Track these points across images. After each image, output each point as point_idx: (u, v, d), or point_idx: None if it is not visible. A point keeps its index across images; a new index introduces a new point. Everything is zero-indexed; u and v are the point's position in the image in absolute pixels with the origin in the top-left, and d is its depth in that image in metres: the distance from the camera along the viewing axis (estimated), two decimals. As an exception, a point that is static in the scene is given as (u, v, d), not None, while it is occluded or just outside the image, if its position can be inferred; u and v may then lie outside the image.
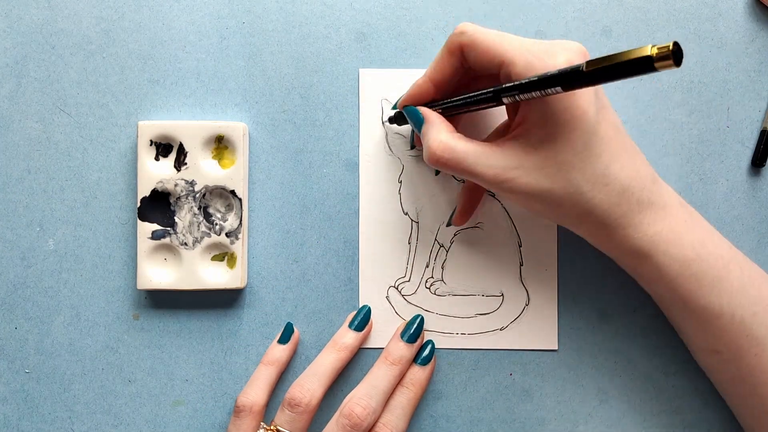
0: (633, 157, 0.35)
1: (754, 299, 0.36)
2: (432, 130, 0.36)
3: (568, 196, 0.34)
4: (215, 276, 0.42)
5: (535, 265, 0.43)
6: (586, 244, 0.43)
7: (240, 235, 0.42)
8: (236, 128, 0.41)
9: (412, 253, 0.43)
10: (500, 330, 0.43)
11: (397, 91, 0.43)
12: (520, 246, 0.43)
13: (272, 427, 0.39)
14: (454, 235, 0.43)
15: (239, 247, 0.42)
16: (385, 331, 0.43)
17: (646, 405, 0.42)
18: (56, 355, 0.43)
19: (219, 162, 0.42)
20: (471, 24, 0.36)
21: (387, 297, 0.43)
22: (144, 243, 0.41)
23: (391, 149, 0.43)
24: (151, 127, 0.41)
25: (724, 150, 0.43)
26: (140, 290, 0.42)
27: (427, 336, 0.43)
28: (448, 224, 0.42)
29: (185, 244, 0.41)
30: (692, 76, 0.43)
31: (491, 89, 0.34)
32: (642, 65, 0.27)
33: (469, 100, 0.36)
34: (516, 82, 0.33)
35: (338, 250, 0.43)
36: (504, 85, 0.33)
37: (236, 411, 0.39)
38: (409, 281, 0.43)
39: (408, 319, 0.43)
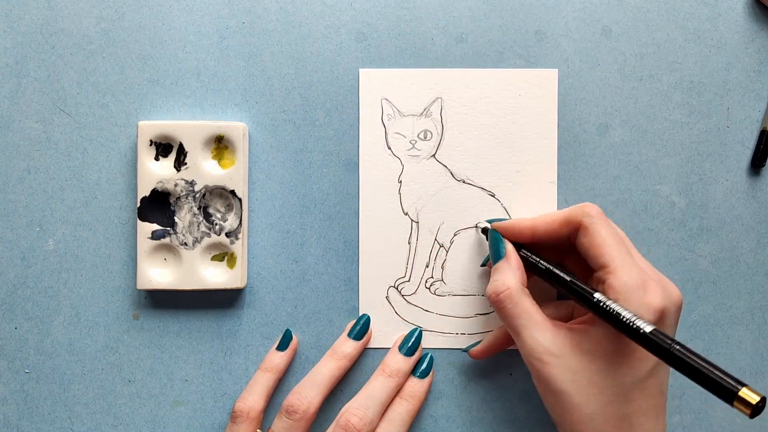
0: (658, 421, 0.35)
1: None
2: (507, 271, 0.37)
3: (582, 412, 0.34)
4: (215, 276, 0.42)
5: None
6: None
7: (240, 235, 0.42)
8: (236, 128, 0.41)
9: (412, 253, 0.43)
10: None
11: (397, 91, 0.43)
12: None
13: None
14: (454, 235, 0.43)
15: (239, 247, 0.42)
16: (385, 331, 0.43)
17: (646, 405, 0.42)
18: (56, 355, 0.43)
19: (219, 162, 0.42)
20: (598, 209, 0.36)
21: (387, 297, 0.43)
22: (144, 243, 0.41)
23: (391, 149, 0.43)
24: (151, 127, 0.41)
25: (724, 150, 0.43)
26: (140, 290, 0.42)
27: (426, 336, 0.43)
28: (464, 350, 0.42)
29: (185, 244, 0.41)
30: (692, 76, 0.43)
31: (585, 288, 0.34)
32: (723, 394, 0.28)
33: (559, 276, 0.36)
34: (610, 304, 0.33)
35: (338, 250, 0.43)
36: (598, 296, 0.33)
37: (233, 416, 0.39)
38: (409, 281, 0.43)
39: (407, 320, 0.43)
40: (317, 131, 0.43)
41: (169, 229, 0.42)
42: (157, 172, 0.41)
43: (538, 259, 0.38)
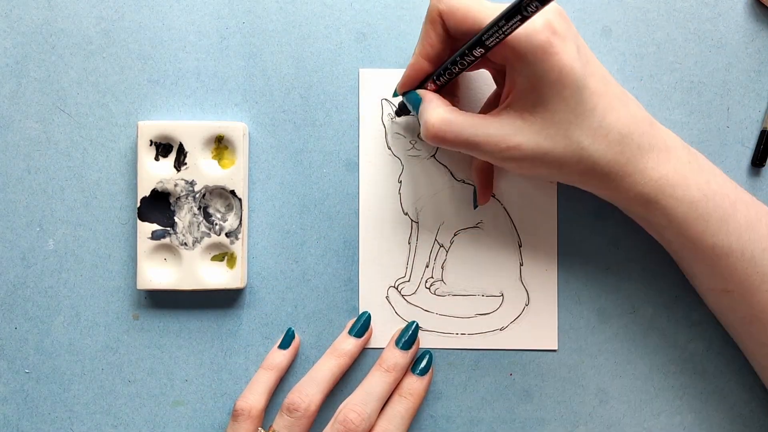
0: (627, 105, 0.36)
1: (763, 236, 0.36)
2: (429, 106, 0.36)
3: (570, 154, 0.35)
4: (215, 276, 0.42)
5: (535, 265, 0.43)
6: (586, 244, 0.43)
7: (240, 235, 0.41)
8: (236, 128, 0.41)
9: (412, 253, 0.43)
10: (500, 330, 0.43)
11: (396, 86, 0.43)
12: (520, 246, 0.43)
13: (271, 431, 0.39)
14: (454, 235, 0.43)
15: (239, 247, 0.41)
16: (385, 331, 0.43)
17: (646, 405, 0.42)
18: (56, 355, 0.43)
19: (219, 162, 0.42)
20: None
21: (387, 297, 0.43)
22: (144, 243, 0.41)
23: (391, 149, 0.43)
24: (151, 127, 0.41)
25: (724, 150, 0.43)
26: (140, 290, 0.42)
27: (426, 336, 0.43)
28: (475, 207, 0.42)
29: (185, 244, 0.41)
30: (692, 76, 0.43)
31: (474, 38, 0.34)
32: None
33: (455, 59, 0.35)
34: (494, 19, 0.32)
35: (338, 250, 0.43)
36: (484, 30, 0.33)
37: (234, 415, 0.39)
38: (409, 281, 0.43)
39: (407, 320, 0.43)
40: (317, 131, 0.43)
41: (169, 229, 0.42)
42: (157, 172, 0.41)
43: (439, 70, 0.37)
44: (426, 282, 0.43)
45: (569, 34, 0.34)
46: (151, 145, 0.42)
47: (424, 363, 0.41)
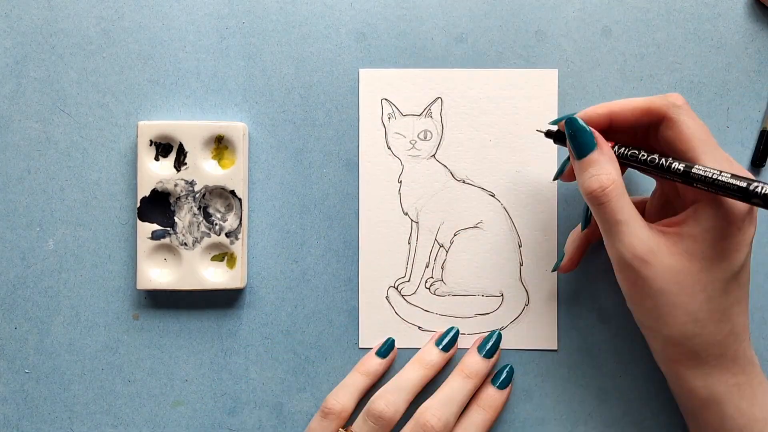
0: (746, 312, 0.35)
1: None
2: (607, 162, 0.34)
3: (684, 312, 0.34)
4: (215, 276, 0.42)
5: (535, 265, 0.43)
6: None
7: (240, 235, 0.42)
8: (236, 128, 0.41)
9: (412, 253, 0.43)
10: (500, 330, 0.43)
11: (397, 91, 0.43)
12: (520, 246, 0.43)
13: None
14: (454, 235, 0.43)
15: (239, 247, 0.42)
16: (385, 332, 0.43)
17: (646, 405, 0.42)
18: (56, 355, 0.43)
19: (219, 162, 0.42)
20: (685, 101, 0.35)
21: (387, 297, 0.43)
22: (144, 243, 0.41)
23: (391, 149, 0.43)
24: (151, 127, 0.41)
25: (724, 150, 0.43)
26: (140, 290, 0.42)
27: (425, 336, 0.43)
28: (554, 270, 0.42)
29: (185, 244, 0.41)
30: (692, 76, 0.43)
31: (683, 163, 0.33)
32: None
33: (650, 160, 0.34)
34: (715, 171, 0.32)
35: (338, 250, 0.43)
36: (700, 168, 0.32)
37: (324, 412, 0.39)
38: (409, 281, 0.43)
39: (407, 320, 0.43)
40: (317, 131, 0.43)
41: (169, 229, 0.42)
42: (157, 172, 0.41)
43: (631, 146, 0.35)
44: (426, 282, 0.43)
45: (756, 223, 0.34)
46: (151, 145, 0.42)
47: (504, 376, 0.41)
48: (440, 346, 0.41)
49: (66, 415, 0.43)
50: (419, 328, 0.43)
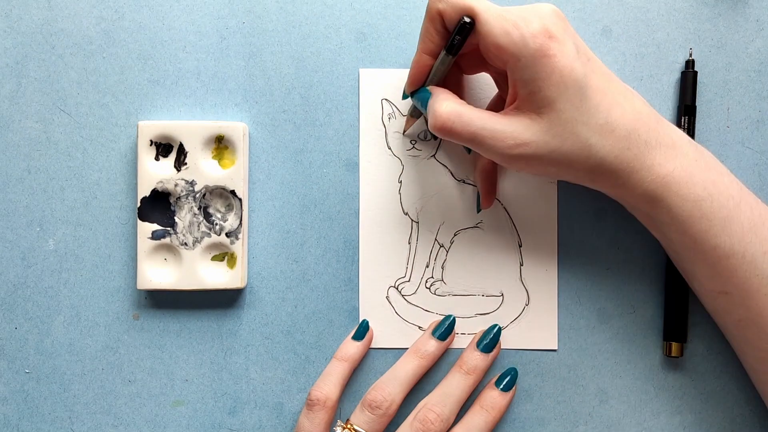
0: (631, 101, 0.36)
1: (765, 239, 0.36)
2: (438, 98, 0.36)
3: (578, 151, 0.35)
4: (215, 276, 0.42)
5: (535, 265, 0.43)
6: (585, 244, 0.43)
7: (240, 235, 0.42)
8: (236, 128, 0.41)
9: (412, 253, 0.43)
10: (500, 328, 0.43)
11: (398, 91, 0.43)
12: (520, 246, 0.43)
13: (349, 426, 0.39)
14: (454, 235, 0.43)
15: (239, 247, 0.42)
16: (386, 332, 0.43)
17: (646, 405, 0.42)
18: (56, 355, 0.43)
19: (219, 162, 0.42)
20: None
21: (387, 297, 0.43)
22: (144, 243, 0.41)
23: (391, 149, 0.43)
24: (151, 127, 0.41)
25: (724, 150, 0.43)
26: (140, 290, 0.42)
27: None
28: (478, 210, 0.42)
29: (185, 244, 0.41)
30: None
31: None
32: None
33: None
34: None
35: (338, 250, 0.43)
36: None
37: (309, 404, 0.39)
38: (409, 281, 0.43)
39: (408, 320, 0.43)
40: (317, 131, 0.43)
41: (169, 229, 0.42)
42: (157, 172, 0.41)
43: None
44: (426, 282, 0.43)
45: (567, 35, 0.34)
46: (151, 145, 0.42)
47: (508, 379, 0.41)
48: (436, 335, 0.41)
49: (66, 415, 0.43)
50: (419, 328, 0.43)
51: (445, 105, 0.35)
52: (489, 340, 0.41)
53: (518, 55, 0.33)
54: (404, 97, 0.41)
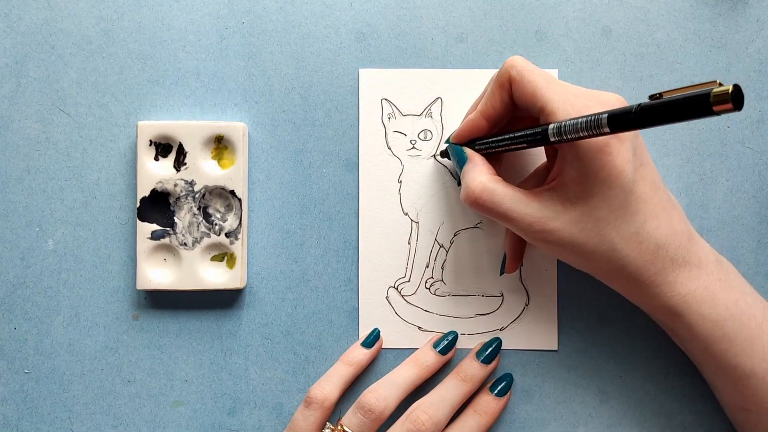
0: (670, 215, 0.35)
1: None
2: (473, 170, 0.37)
3: (601, 252, 0.35)
4: (215, 276, 0.42)
5: (535, 265, 0.43)
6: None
7: (240, 235, 0.41)
8: (236, 128, 0.41)
9: (412, 253, 0.43)
10: (500, 330, 0.43)
11: (397, 91, 0.43)
12: (520, 246, 0.43)
13: (339, 427, 0.39)
14: (454, 235, 0.43)
15: (239, 247, 0.41)
16: (385, 332, 0.43)
17: (647, 406, 0.42)
18: (56, 355, 0.43)
19: (219, 162, 0.42)
20: (522, 59, 0.35)
21: (387, 297, 0.43)
22: (143, 243, 0.41)
23: (391, 149, 0.43)
24: (151, 127, 0.41)
25: (724, 150, 0.43)
26: (140, 290, 0.42)
27: (425, 336, 0.43)
28: (501, 273, 0.42)
29: (185, 244, 0.41)
30: (692, 76, 0.43)
31: (538, 126, 0.34)
32: (698, 108, 0.25)
33: (515, 136, 0.36)
34: (564, 120, 0.32)
35: (338, 250, 0.43)
36: (552, 123, 0.33)
37: (307, 401, 0.39)
38: (409, 281, 0.43)
39: (407, 320, 0.43)
40: (317, 131, 0.43)
41: (168, 229, 0.42)
42: (157, 172, 0.41)
43: (494, 137, 0.37)
44: (426, 282, 0.43)
45: (629, 135, 0.34)
46: (150, 145, 0.42)
47: (503, 384, 0.41)
48: (438, 349, 0.41)
49: (66, 415, 0.42)
50: (419, 328, 0.43)
51: (479, 180, 0.36)
52: (489, 352, 0.41)
53: (576, 143, 0.33)
54: (447, 141, 0.41)
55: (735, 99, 0.24)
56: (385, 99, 0.43)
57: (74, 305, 0.43)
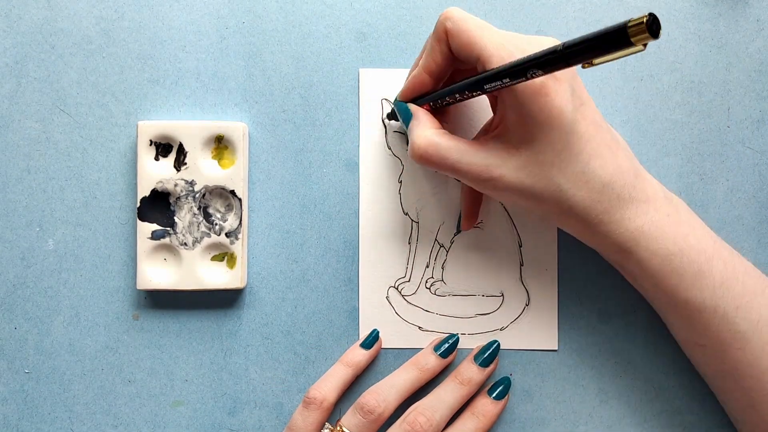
0: (615, 153, 0.35)
1: (738, 293, 0.36)
2: (418, 126, 0.37)
3: (549, 194, 0.35)
4: (215, 276, 0.42)
5: (535, 265, 0.43)
6: (585, 244, 0.43)
7: (240, 235, 0.41)
8: (236, 128, 0.41)
9: (412, 253, 0.43)
10: (500, 330, 0.43)
11: (398, 91, 0.43)
12: (520, 246, 0.43)
13: (338, 428, 0.39)
14: (454, 235, 0.43)
15: (239, 247, 0.41)
16: (385, 332, 0.43)
17: (647, 405, 0.42)
18: (56, 355, 0.43)
19: (219, 162, 0.42)
20: (458, 10, 0.35)
21: (387, 297, 0.43)
22: (144, 243, 0.41)
23: (391, 149, 0.43)
24: (151, 127, 0.41)
25: (724, 150, 0.43)
26: (140, 290, 0.42)
27: (426, 336, 0.43)
28: (457, 232, 0.42)
29: (185, 244, 0.41)
30: (692, 76, 0.43)
31: (474, 77, 0.34)
32: (618, 40, 0.26)
33: (454, 89, 0.36)
34: (497, 68, 0.32)
35: (338, 250, 0.43)
36: (485, 72, 0.33)
37: (306, 402, 0.39)
38: (409, 281, 0.43)
39: (408, 320, 0.43)
40: (317, 131, 0.43)
41: (168, 229, 0.42)
42: (157, 172, 0.41)
43: (434, 92, 0.37)
44: (426, 282, 0.43)
45: (566, 75, 0.34)
46: (151, 145, 0.42)
47: (501, 388, 0.41)
48: (438, 352, 0.41)
49: (66, 415, 0.43)
50: (419, 328, 0.43)
51: (423, 135, 0.36)
52: (487, 355, 0.41)
53: (513, 87, 0.33)
54: (393, 102, 0.41)
55: (651, 28, 0.25)
56: (385, 99, 0.43)
57: (74, 305, 0.43)
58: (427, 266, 0.43)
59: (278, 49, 0.43)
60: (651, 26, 0.25)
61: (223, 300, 0.43)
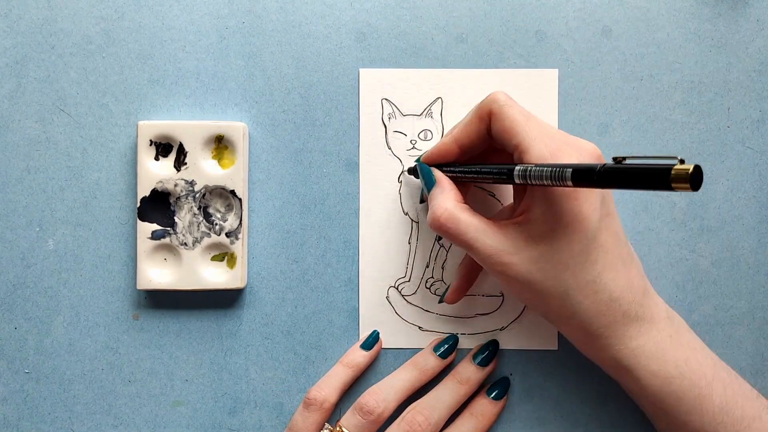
0: (628, 269, 0.35)
1: (737, 418, 0.35)
2: (440, 195, 0.37)
3: (555, 295, 0.34)
4: (215, 276, 0.42)
5: (535, 265, 0.43)
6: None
7: (240, 235, 0.41)
8: (236, 128, 0.41)
9: (412, 253, 0.43)
10: (500, 330, 0.43)
11: (398, 91, 0.43)
12: (520, 246, 0.43)
13: (338, 428, 0.39)
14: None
15: (239, 247, 0.41)
16: (385, 332, 0.43)
17: (647, 405, 0.42)
18: (56, 355, 0.43)
19: (219, 162, 0.42)
20: (505, 94, 0.36)
21: (387, 297, 0.43)
22: (144, 243, 0.41)
23: (391, 149, 0.43)
24: (151, 127, 0.41)
25: (724, 150, 0.43)
26: (140, 290, 0.42)
27: (426, 336, 0.43)
28: (440, 301, 0.42)
29: (185, 244, 0.41)
30: (692, 76, 0.43)
31: (506, 165, 0.34)
32: (658, 181, 0.26)
33: (483, 170, 0.36)
34: (530, 165, 0.32)
35: (338, 250, 0.43)
36: (519, 166, 0.33)
37: (306, 403, 0.39)
38: (409, 281, 0.43)
39: (407, 320, 0.43)
40: (317, 131, 0.43)
41: (169, 229, 0.42)
42: (157, 172, 0.41)
43: (463, 166, 0.37)
44: (426, 282, 0.43)
45: None
46: (151, 145, 0.42)
47: (499, 388, 0.41)
48: (438, 353, 0.41)
49: (66, 415, 0.43)
50: (419, 328, 0.43)
51: (445, 207, 0.36)
52: (486, 355, 0.41)
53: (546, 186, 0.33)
54: (417, 160, 0.40)
55: (693, 180, 0.25)
56: (386, 99, 0.43)
57: (74, 305, 0.43)
58: (427, 266, 0.43)
59: (278, 49, 0.43)
60: (693, 178, 0.24)
61: (223, 300, 0.43)
